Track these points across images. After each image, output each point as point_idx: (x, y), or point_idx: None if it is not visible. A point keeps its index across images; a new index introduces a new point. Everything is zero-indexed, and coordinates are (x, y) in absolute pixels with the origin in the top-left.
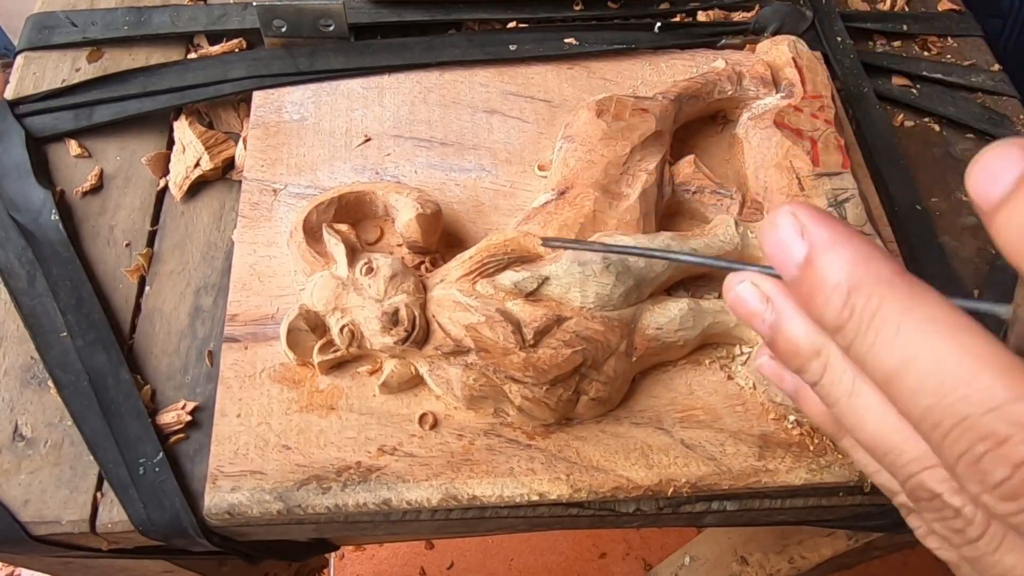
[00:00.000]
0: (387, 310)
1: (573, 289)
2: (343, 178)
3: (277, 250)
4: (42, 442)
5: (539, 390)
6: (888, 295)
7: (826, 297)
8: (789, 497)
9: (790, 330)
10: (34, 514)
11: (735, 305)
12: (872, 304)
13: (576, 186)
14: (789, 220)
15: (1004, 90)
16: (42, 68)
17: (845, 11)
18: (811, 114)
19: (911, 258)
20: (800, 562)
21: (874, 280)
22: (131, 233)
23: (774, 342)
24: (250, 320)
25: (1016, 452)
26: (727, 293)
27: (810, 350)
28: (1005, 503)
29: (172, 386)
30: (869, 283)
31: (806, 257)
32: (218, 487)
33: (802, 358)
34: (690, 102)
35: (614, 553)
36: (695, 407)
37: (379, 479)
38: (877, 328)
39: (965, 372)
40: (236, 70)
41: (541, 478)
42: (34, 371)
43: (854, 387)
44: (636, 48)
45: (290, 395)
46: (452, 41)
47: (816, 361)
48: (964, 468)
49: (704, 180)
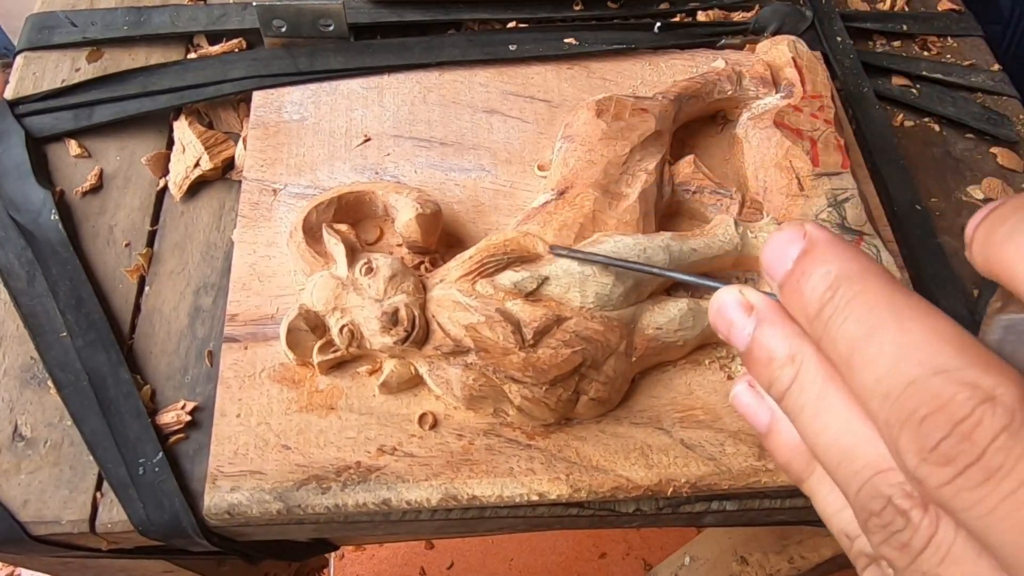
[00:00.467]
0: (387, 310)
1: (573, 289)
2: (343, 178)
3: (277, 250)
4: (42, 442)
5: (539, 390)
6: (871, 282)
7: (814, 282)
8: (789, 497)
9: (768, 336)
10: (34, 514)
11: (717, 314)
12: (855, 287)
13: (576, 186)
14: (794, 226)
15: (1004, 90)
16: (42, 68)
17: (845, 11)
18: (811, 114)
19: (911, 258)
20: (800, 562)
21: (861, 271)
22: (131, 233)
23: (750, 352)
24: (250, 320)
25: (959, 409)
26: (712, 303)
27: (785, 356)
28: (940, 469)
29: (172, 386)
30: (856, 272)
31: (803, 250)
32: (218, 487)
33: (776, 364)
34: (690, 102)
35: (614, 553)
36: (695, 407)
37: (379, 479)
38: (854, 307)
39: (923, 342)
40: (236, 70)
41: (541, 478)
42: (34, 371)
43: (821, 391)
44: (636, 48)
45: (290, 395)
46: (452, 41)
47: (789, 367)
48: (906, 437)
49: (704, 180)
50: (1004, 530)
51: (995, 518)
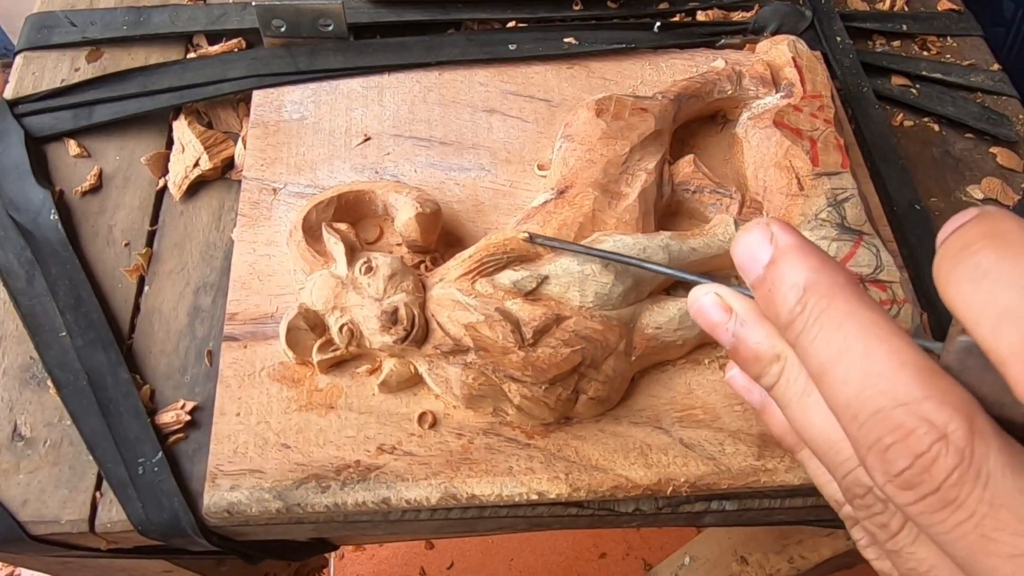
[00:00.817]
0: (386, 309)
1: (572, 288)
2: (343, 177)
3: (276, 249)
4: (41, 442)
5: (538, 389)
6: (838, 297)
7: (784, 294)
8: (788, 497)
9: (751, 337)
10: (33, 514)
11: (698, 315)
12: (822, 303)
13: (575, 185)
14: (761, 228)
15: (1004, 90)
16: (41, 68)
17: (844, 11)
18: (811, 114)
19: (910, 257)
20: (800, 562)
21: (828, 284)
22: (130, 233)
23: (736, 350)
24: (249, 319)
25: (918, 444)
26: (691, 304)
27: (770, 355)
28: (904, 492)
29: (171, 386)
30: (823, 286)
31: (771, 258)
32: (217, 485)
33: (762, 363)
34: (690, 102)
35: (614, 553)
36: (694, 406)
37: (378, 478)
38: (823, 323)
39: (887, 370)
40: (235, 70)
41: (540, 477)
42: (33, 371)
43: (806, 388)
44: (636, 48)
45: (289, 394)
46: (452, 41)
47: (775, 365)
48: (873, 458)
49: (703, 180)
50: (959, 548)
51: (951, 538)
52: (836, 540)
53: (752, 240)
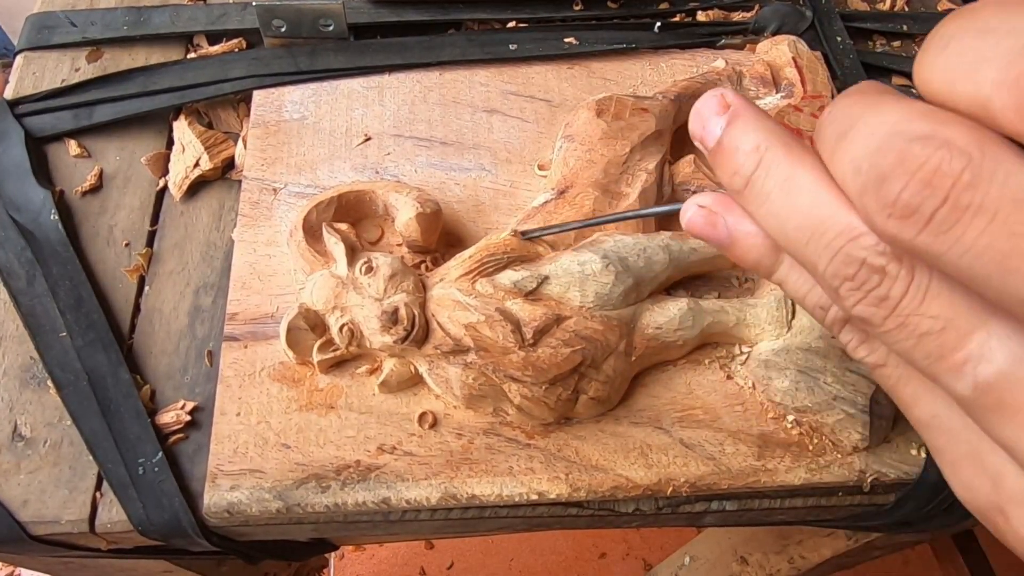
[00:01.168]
0: (387, 309)
1: (572, 288)
2: (343, 177)
3: (277, 249)
4: (41, 442)
5: (538, 389)
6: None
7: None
8: (788, 497)
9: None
10: (33, 514)
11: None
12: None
13: (576, 185)
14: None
15: None
16: (42, 68)
17: (845, 11)
18: (811, 114)
19: None
20: (800, 562)
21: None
22: (130, 233)
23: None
24: (250, 319)
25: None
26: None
27: (751, 146)
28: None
29: (171, 386)
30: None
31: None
32: (217, 485)
33: (741, 153)
34: (690, 102)
35: (614, 553)
36: (694, 407)
37: (378, 478)
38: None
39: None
40: (236, 70)
41: (540, 477)
42: (33, 371)
43: (788, 173)
44: (636, 48)
45: (290, 394)
46: (452, 41)
47: (755, 155)
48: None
49: (704, 180)
50: (985, 263)
51: (973, 255)
52: (836, 540)
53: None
